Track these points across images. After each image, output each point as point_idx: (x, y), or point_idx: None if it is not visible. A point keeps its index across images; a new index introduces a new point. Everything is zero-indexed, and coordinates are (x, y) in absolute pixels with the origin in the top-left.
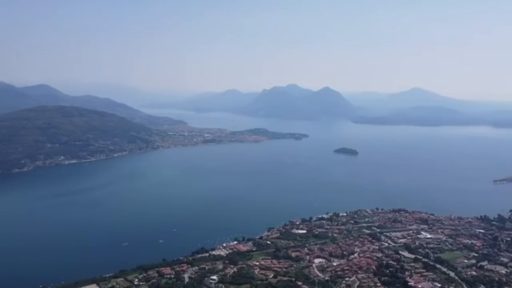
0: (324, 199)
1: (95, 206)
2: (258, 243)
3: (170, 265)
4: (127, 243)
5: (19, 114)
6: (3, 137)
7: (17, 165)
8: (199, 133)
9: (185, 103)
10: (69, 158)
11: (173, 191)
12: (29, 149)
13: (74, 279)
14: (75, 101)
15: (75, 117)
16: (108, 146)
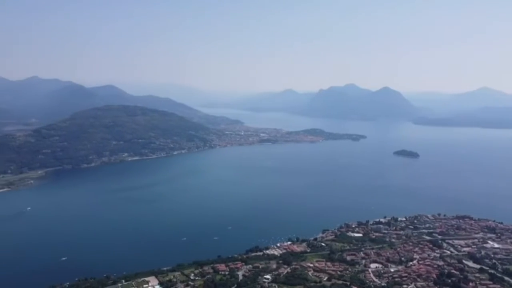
0: (382, 202)
1: (155, 201)
2: (312, 245)
3: (225, 262)
4: (185, 238)
5: (88, 113)
6: (74, 135)
7: (86, 161)
8: (255, 133)
9: (242, 103)
10: (132, 155)
11: (229, 190)
12: (96, 146)
13: (135, 270)
14: (138, 101)
15: (138, 116)
16: (168, 144)
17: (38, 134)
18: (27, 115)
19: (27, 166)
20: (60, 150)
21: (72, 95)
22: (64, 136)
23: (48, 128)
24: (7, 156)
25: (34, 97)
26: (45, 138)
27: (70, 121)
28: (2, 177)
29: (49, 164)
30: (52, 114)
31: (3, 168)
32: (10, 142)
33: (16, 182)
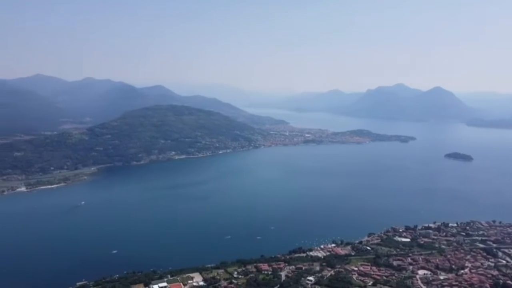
0: (432, 207)
1: (200, 199)
2: (357, 248)
3: (268, 262)
4: (230, 236)
5: (138, 112)
6: (125, 133)
7: (135, 158)
8: (300, 133)
9: (287, 103)
10: (179, 154)
11: (272, 189)
12: (145, 144)
13: (180, 266)
14: (186, 101)
15: (185, 116)
16: (214, 144)
17: (91, 133)
18: (82, 114)
19: (81, 162)
20: (111, 148)
21: (123, 95)
22: (115, 135)
23: (101, 127)
24: (64, 152)
25: (88, 97)
26: (98, 136)
27: (121, 120)
28: (59, 173)
29: (101, 161)
30: (104, 113)
31: (60, 164)
32: (67, 140)
33: (72, 178)
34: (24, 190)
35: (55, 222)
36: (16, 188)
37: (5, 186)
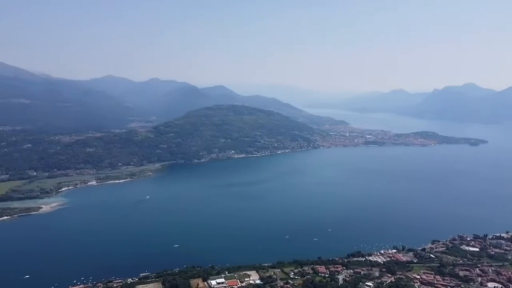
0: (504, 215)
1: (259, 198)
2: (419, 255)
3: (325, 264)
4: (288, 236)
5: (200, 112)
6: (187, 132)
7: (197, 156)
8: (361, 134)
9: (347, 103)
10: (238, 153)
11: (331, 191)
12: (206, 143)
13: (237, 263)
14: (245, 101)
15: (245, 115)
16: (273, 143)
17: (156, 131)
18: (148, 113)
19: (146, 159)
20: (174, 146)
21: (186, 95)
22: (178, 133)
23: (165, 126)
24: (131, 149)
25: (154, 97)
26: (162, 134)
27: (184, 119)
28: (126, 168)
29: (165, 158)
30: (169, 112)
31: (127, 160)
32: (134, 137)
33: (137, 173)
34: (95, 184)
35: (122, 214)
36: (87, 182)
37: (78, 179)
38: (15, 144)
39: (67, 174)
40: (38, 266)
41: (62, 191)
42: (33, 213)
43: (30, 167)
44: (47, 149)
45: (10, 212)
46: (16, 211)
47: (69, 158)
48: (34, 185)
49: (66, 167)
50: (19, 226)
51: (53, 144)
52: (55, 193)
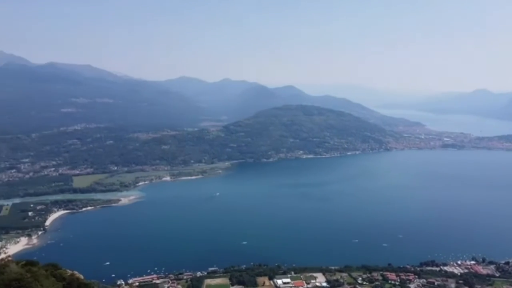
0: None
1: (327, 200)
2: (502, 269)
3: (395, 271)
4: (357, 240)
5: (269, 112)
6: (257, 131)
7: (265, 156)
8: (438, 137)
9: (422, 104)
10: (306, 153)
11: (402, 195)
12: (275, 143)
13: (303, 264)
14: (315, 101)
15: (314, 116)
16: (342, 145)
17: (227, 130)
18: (219, 112)
19: (217, 157)
20: (244, 145)
21: (256, 95)
22: (248, 133)
23: (235, 125)
24: (203, 147)
25: (226, 97)
26: (232, 133)
27: (254, 119)
28: (198, 166)
29: (234, 157)
30: (239, 112)
31: (199, 158)
32: (205, 136)
33: (208, 171)
34: (169, 180)
35: (194, 209)
36: (162, 177)
37: (153, 175)
38: (99, 141)
39: (144, 170)
40: (116, 254)
41: (139, 186)
42: (113, 205)
43: (111, 162)
44: (127, 146)
45: (93, 203)
46: (99, 202)
47: (146, 155)
48: (114, 179)
49: (143, 163)
50: (101, 216)
51: (132, 141)
52: (133, 187)
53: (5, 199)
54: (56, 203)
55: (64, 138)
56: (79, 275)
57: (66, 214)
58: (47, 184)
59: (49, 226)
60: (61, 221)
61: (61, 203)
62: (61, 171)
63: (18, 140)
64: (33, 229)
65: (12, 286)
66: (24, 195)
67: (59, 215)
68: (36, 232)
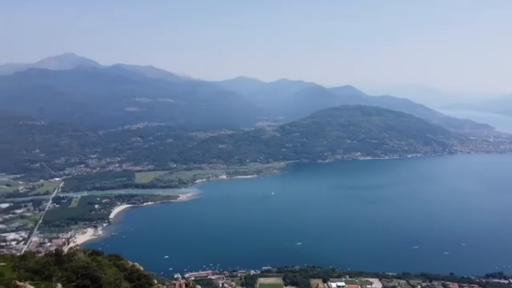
0: None
1: (385, 203)
2: None
3: (458, 281)
4: (417, 246)
5: (326, 112)
6: (312, 132)
7: (321, 157)
8: (508, 140)
9: (490, 105)
10: (364, 155)
11: (467, 201)
12: (331, 144)
13: (359, 268)
14: (374, 101)
15: (373, 116)
16: (402, 147)
17: (283, 130)
18: (275, 112)
19: (272, 157)
20: (299, 145)
21: (313, 95)
22: (304, 133)
23: (291, 125)
24: (258, 147)
25: (282, 97)
26: (288, 133)
27: (310, 119)
28: (253, 165)
29: (290, 157)
30: (295, 112)
31: (254, 157)
32: (261, 136)
33: (264, 170)
34: (225, 178)
35: (249, 208)
36: (219, 176)
37: (210, 173)
38: (160, 139)
39: (201, 168)
40: (174, 249)
41: (197, 183)
42: (172, 201)
43: (171, 159)
44: (186, 144)
45: (153, 199)
46: (159, 198)
47: (203, 153)
48: (173, 176)
49: (201, 161)
50: (160, 211)
51: (191, 140)
52: (190, 184)
53: (74, 192)
54: (120, 197)
55: (128, 136)
56: (139, 267)
57: (129, 208)
58: (111, 179)
59: (113, 218)
60: (124, 215)
61: (124, 197)
62: (125, 167)
63: (87, 137)
64: (99, 221)
65: (79, 273)
66: (91, 188)
67: (122, 209)
68: (101, 224)
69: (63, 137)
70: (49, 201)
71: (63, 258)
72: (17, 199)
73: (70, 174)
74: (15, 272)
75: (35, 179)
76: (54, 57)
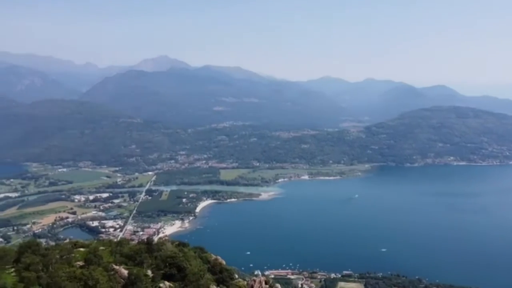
0: None
1: (480, 212)
2: None
3: None
4: None
5: (415, 113)
6: (400, 134)
7: (409, 160)
8: None
9: None
10: (458, 160)
11: None
12: (421, 147)
13: (450, 281)
14: (471, 102)
15: (469, 119)
16: (504, 152)
17: (368, 131)
18: (361, 113)
19: (356, 159)
20: (386, 148)
21: (402, 95)
22: (391, 135)
23: (378, 126)
24: (342, 148)
25: (368, 97)
26: (374, 135)
27: (398, 120)
28: (336, 166)
29: (375, 159)
30: (382, 113)
31: (337, 159)
32: (345, 137)
33: (347, 172)
34: (307, 178)
35: (331, 210)
36: (300, 176)
37: (292, 172)
38: (244, 137)
39: (283, 167)
40: (255, 245)
41: (279, 182)
42: (254, 199)
43: (254, 158)
44: (269, 143)
45: (237, 195)
46: (241, 195)
47: (286, 153)
48: (256, 174)
49: (283, 160)
50: (243, 208)
51: (274, 139)
52: (272, 183)
53: (165, 186)
54: (205, 193)
55: (215, 134)
56: (222, 260)
57: (213, 204)
58: (198, 175)
59: (199, 213)
60: (209, 209)
61: (209, 193)
62: (211, 164)
63: (177, 134)
64: (186, 214)
65: (167, 261)
66: (180, 183)
67: (207, 204)
68: (188, 217)
69: (156, 134)
70: (143, 193)
71: (153, 247)
72: (115, 190)
73: (161, 168)
74: (112, 256)
75: (131, 172)
76: (150, 59)
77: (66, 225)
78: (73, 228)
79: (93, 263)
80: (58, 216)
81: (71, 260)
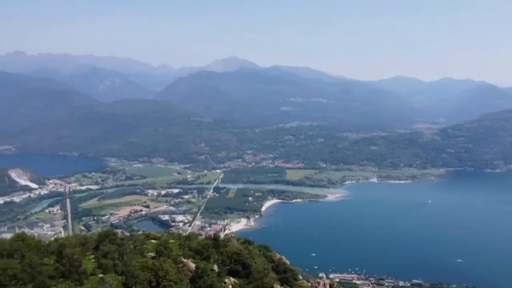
0: None
1: None
2: None
3: None
4: None
5: (499, 115)
6: (480, 137)
7: (490, 165)
8: None
9: None
10: None
11: None
12: (505, 151)
13: None
14: None
15: None
16: None
17: (443, 133)
18: (436, 114)
19: (430, 163)
20: (463, 151)
21: (483, 95)
22: (469, 138)
23: (454, 128)
24: (414, 151)
25: (444, 97)
26: (450, 137)
27: (478, 122)
28: (407, 170)
29: (451, 163)
30: (459, 114)
31: (409, 162)
32: (418, 139)
33: (419, 176)
34: (375, 181)
35: (401, 215)
36: (369, 178)
37: (360, 175)
38: (311, 138)
39: (351, 169)
40: (320, 247)
41: (346, 184)
42: (320, 200)
43: (321, 159)
44: (336, 144)
45: (302, 196)
46: (307, 196)
47: (354, 154)
48: (323, 175)
49: (351, 162)
50: (308, 209)
51: (342, 140)
52: (339, 185)
53: (232, 184)
54: (271, 192)
55: (281, 134)
56: (286, 260)
57: (278, 203)
58: (264, 174)
59: (264, 211)
60: (274, 209)
61: (275, 192)
62: (277, 164)
63: (245, 134)
64: (251, 213)
65: (233, 258)
66: (246, 182)
67: (272, 203)
68: (253, 215)
69: (225, 133)
70: (211, 190)
71: (220, 243)
72: (185, 186)
73: (228, 167)
74: (181, 249)
75: (200, 170)
76: (220, 60)
77: (140, 217)
78: (146, 220)
79: (163, 255)
80: (133, 208)
81: (144, 251)
